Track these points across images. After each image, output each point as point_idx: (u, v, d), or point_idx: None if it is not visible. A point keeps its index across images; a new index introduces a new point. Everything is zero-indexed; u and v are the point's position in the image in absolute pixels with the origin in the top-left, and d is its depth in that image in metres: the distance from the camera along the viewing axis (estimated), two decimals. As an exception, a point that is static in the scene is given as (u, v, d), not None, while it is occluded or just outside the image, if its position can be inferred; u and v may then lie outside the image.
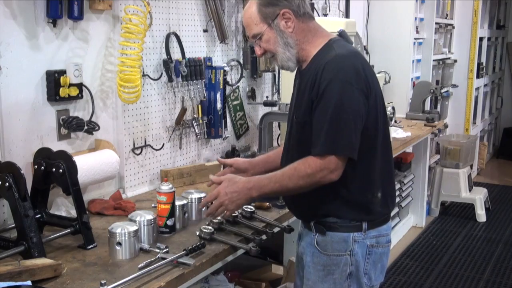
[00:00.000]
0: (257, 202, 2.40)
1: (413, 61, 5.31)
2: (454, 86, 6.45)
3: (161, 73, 2.77)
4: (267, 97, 3.68)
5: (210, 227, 2.07)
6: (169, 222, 2.12)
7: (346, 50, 1.90)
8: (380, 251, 1.98)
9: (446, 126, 5.63)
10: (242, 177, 1.98)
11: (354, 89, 1.80)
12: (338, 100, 1.79)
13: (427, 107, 5.34)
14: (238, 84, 3.38)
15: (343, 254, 1.93)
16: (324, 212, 1.94)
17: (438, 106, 5.77)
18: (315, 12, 4.00)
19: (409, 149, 4.73)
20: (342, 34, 2.04)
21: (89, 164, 2.26)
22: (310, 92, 1.86)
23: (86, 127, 2.36)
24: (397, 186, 4.58)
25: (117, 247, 1.89)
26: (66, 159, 1.99)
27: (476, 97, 6.80)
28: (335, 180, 1.81)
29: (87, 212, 2.07)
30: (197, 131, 2.99)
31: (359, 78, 1.82)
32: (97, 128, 2.42)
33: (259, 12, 1.92)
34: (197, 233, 2.07)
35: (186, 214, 2.24)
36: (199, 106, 3.00)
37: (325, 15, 4.41)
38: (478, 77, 6.64)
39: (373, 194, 1.93)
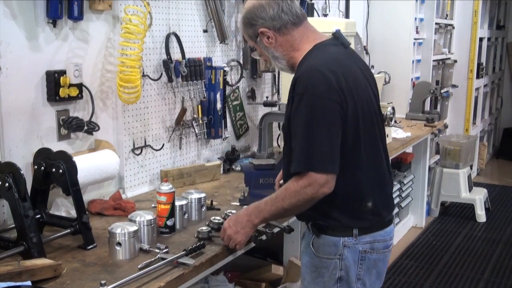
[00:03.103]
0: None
1: (413, 61, 5.31)
2: (454, 86, 6.45)
3: (161, 73, 2.77)
4: (267, 97, 3.68)
5: (206, 227, 2.09)
6: (169, 223, 2.12)
7: (321, 58, 1.85)
8: (374, 257, 1.94)
9: (446, 126, 5.63)
10: (242, 209, 2.01)
11: (326, 101, 1.77)
12: (309, 114, 1.76)
13: (427, 107, 5.34)
14: (238, 84, 3.38)
15: (332, 257, 1.92)
16: (317, 215, 1.92)
17: (438, 106, 5.76)
18: (315, 12, 4.00)
19: (409, 149, 4.73)
20: (336, 35, 1.99)
21: (89, 165, 2.26)
22: (289, 105, 1.86)
23: (86, 128, 2.36)
24: (397, 186, 4.58)
25: (117, 247, 1.89)
26: (66, 159, 1.99)
27: (476, 98, 6.80)
28: (329, 193, 1.78)
29: (87, 212, 2.07)
30: (197, 131, 3.00)
31: (331, 89, 1.77)
32: (97, 128, 2.42)
33: (245, 32, 2.00)
34: (195, 235, 2.08)
35: (186, 215, 2.24)
36: (199, 106, 3.00)
37: (325, 15, 4.41)
38: (478, 77, 6.64)
39: (361, 203, 1.90)
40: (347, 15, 4.88)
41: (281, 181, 2.13)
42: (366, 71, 2.01)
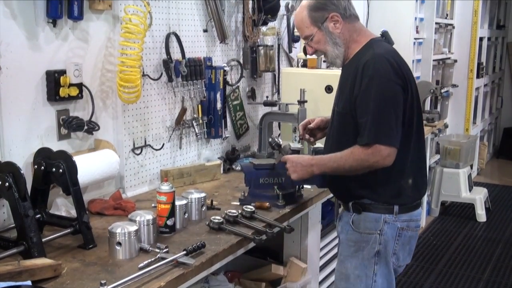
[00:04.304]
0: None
1: (413, 61, 5.30)
2: (454, 86, 6.45)
3: (161, 73, 2.77)
4: (267, 97, 3.68)
5: (220, 217, 2.17)
6: (169, 222, 2.12)
7: (384, 49, 2.09)
8: (409, 234, 2.16)
9: (446, 126, 5.63)
10: (308, 155, 2.30)
11: (393, 84, 2.00)
12: (379, 94, 1.98)
13: (427, 107, 5.33)
14: (238, 84, 3.38)
15: (373, 232, 2.12)
16: (360, 194, 2.13)
17: (438, 106, 5.76)
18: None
19: (409, 149, 4.72)
20: (384, 34, 2.24)
21: (89, 164, 2.26)
22: (351, 87, 2.05)
23: (86, 127, 2.35)
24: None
25: (117, 247, 1.89)
26: (66, 159, 1.99)
27: (476, 97, 6.80)
28: (388, 165, 1.99)
29: (87, 212, 2.07)
30: (197, 131, 3.00)
31: (397, 74, 2.01)
32: (97, 128, 2.42)
33: (309, 16, 2.13)
34: (207, 223, 2.16)
35: (186, 214, 2.24)
36: (199, 106, 3.00)
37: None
38: (478, 77, 6.64)
39: (403, 180, 2.10)
40: (347, 15, 4.86)
41: (310, 125, 2.41)
42: None
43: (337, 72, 3.14)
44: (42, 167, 2.01)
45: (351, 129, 2.06)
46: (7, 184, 1.82)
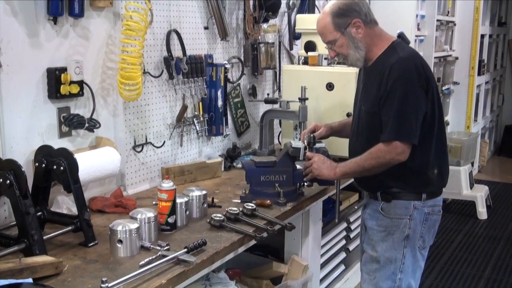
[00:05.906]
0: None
1: (414, 58, 5.29)
2: (455, 83, 6.44)
3: (162, 70, 2.77)
4: (268, 94, 3.67)
5: (221, 215, 2.17)
6: (170, 220, 2.12)
7: (407, 52, 2.24)
8: (434, 218, 2.33)
9: (447, 123, 5.62)
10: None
11: (416, 86, 2.15)
12: (402, 96, 2.14)
13: (428, 104, 5.32)
14: (239, 81, 3.38)
15: (403, 217, 2.28)
16: (389, 185, 2.28)
17: (439, 104, 5.73)
18: (316, 9, 3.99)
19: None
20: (401, 35, 2.37)
21: (90, 162, 2.26)
22: (378, 88, 2.20)
23: (87, 125, 2.35)
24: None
25: (118, 245, 1.89)
26: (67, 156, 1.99)
27: (477, 95, 6.79)
28: (403, 161, 2.15)
29: (88, 209, 2.07)
30: (198, 128, 2.99)
31: (420, 76, 2.16)
32: (98, 125, 2.42)
33: (333, 23, 2.26)
34: (208, 220, 2.17)
35: (187, 212, 2.24)
36: (200, 103, 3.00)
37: (326, 12, 4.40)
38: (479, 74, 6.63)
39: (430, 171, 2.26)
40: (348, 12, 4.86)
41: (314, 133, 2.54)
42: None
43: (338, 69, 3.16)
44: (43, 165, 2.01)
45: (379, 126, 2.20)
46: (8, 181, 1.83)
